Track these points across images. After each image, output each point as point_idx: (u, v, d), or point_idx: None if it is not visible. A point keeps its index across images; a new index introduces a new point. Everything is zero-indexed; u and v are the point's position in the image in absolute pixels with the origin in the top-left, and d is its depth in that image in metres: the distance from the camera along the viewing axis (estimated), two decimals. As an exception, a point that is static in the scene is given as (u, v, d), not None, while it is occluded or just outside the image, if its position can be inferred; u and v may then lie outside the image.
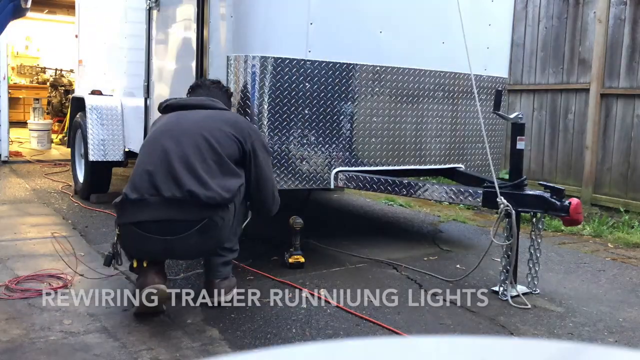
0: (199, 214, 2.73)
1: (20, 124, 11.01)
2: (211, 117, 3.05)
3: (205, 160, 2.82)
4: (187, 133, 2.90)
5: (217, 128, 2.95)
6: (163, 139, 2.90)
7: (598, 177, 6.03)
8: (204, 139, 2.88)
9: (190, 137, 2.88)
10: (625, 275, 3.84)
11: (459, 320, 2.93)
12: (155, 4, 4.59)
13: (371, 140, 3.98)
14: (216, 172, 2.82)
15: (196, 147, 2.85)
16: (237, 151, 2.96)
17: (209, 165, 2.82)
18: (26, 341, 2.46)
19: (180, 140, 2.87)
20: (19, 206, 5.24)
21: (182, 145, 2.85)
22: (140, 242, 2.73)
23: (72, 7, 8.72)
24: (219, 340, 2.58)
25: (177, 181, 2.74)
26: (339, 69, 3.78)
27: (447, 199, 3.67)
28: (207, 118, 3.03)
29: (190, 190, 2.71)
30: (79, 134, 5.82)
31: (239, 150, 2.97)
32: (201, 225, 2.72)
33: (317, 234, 4.32)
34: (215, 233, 2.79)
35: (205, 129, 2.93)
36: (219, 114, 3.10)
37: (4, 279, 3.21)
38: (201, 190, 2.72)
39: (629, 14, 5.75)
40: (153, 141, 2.94)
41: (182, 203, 2.72)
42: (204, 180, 2.76)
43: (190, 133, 2.90)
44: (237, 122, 3.08)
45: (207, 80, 3.45)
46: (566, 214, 3.12)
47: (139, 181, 2.77)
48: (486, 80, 4.51)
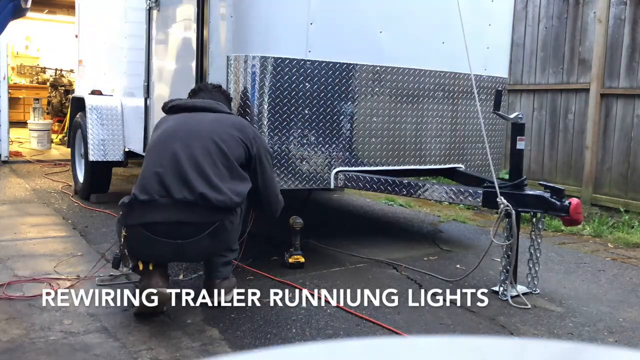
0: (210, 217, 2.74)
1: (20, 124, 11.00)
2: (219, 120, 3.06)
3: (215, 164, 2.83)
4: (197, 136, 2.90)
5: (225, 132, 2.96)
6: (172, 141, 2.89)
7: (598, 177, 6.03)
8: (213, 143, 2.88)
9: (200, 141, 2.88)
10: (625, 275, 3.84)
11: (459, 320, 2.93)
12: (155, 4, 4.59)
13: (371, 140, 3.98)
14: (226, 176, 2.83)
15: (206, 150, 2.85)
16: (244, 155, 2.99)
17: (219, 169, 2.83)
18: (26, 341, 2.46)
19: (189, 144, 2.86)
20: (19, 206, 5.24)
21: (192, 148, 2.84)
22: (150, 245, 2.72)
23: (72, 7, 8.72)
24: (219, 340, 2.58)
25: (188, 184, 2.73)
26: (339, 69, 3.78)
27: (447, 199, 3.68)
28: (215, 121, 3.03)
29: (202, 194, 2.71)
30: (79, 134, 5.82)
31: (245, 154, 3.00)
32: (212, 228, 2.74)
33: (317, 234, 4.32)
34: (224, 236, 2.82)
35: (215, 133, 2.93)
36: (226, 118, 3.12)
37: (4, 279, 3.21)
38: (213, 194, 2.73)
39: (629, 14, 5.75)
40: (162, 143, 2.92)
41: (193, 206, 2.71)
42: (216, 184, 2.76)
43: (200, 136, 2.90)
44: (244, 126, 3.12)
45: (209, 84, 3.45)
46: (566, 214, 3.11)
47: (148, 182, 2.76)
48: (486, 80, 4.51)
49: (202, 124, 3.00)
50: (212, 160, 2.83)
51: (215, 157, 2.84)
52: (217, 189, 2.75)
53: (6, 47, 8.49)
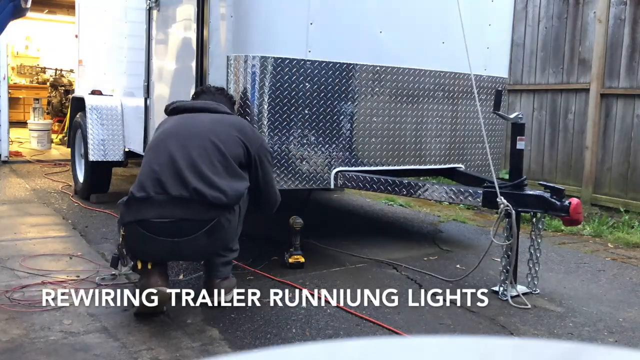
0: (207, 214, 2.74)
1: (20, 124, 10.99)
2: (218, 120, 3.08)
3: (211, 162, 2.84)
4: (194, 135, 2.93)
5: (223, 131, 2.98)
6: (170, 141, 2.92)
7: (598, 177, 6.03)
8: (210, 142, 2.90)
9: (197, 140, 2.90)
10: (625, 275, 3.84)
11: (459, 320, 2.93)
12: (155, 4, 4.59)
13: (371, 140, 3.98)
14: (222, 173, 2.84)
15: (202, 149, 2.86)
16: (243, 154, 2.99)
17: (216, 166, 2.84)
18: (26, 341, 2.46)
19: (186, 143, 2.88)
20: (19, 206, 5.24)
21: (189, 147, 2.86)
22: (146, 243, 2.72)
23: (72, 7, 8.72)
24: (219, 340, 2.58)
25: (183, 180, 2.75)
26: (339, 69, 3.78)
27: (447, 199, 3.68)
28: (213, 122, 3.06)
29: (195, 189, 2.73)
30: (79, 134, 5.82)
31: (244, 154, 3.00)
32: (209, 226, 2.74)
33: (317, 234, 4.32)
34: (222, 234, 2.82)
35: (212, 132, 2.95)
36: (226, 118, 3.14)
37: (4, 279, 3.21)
38: (207, 190, 2.74)
39: (629, 14, 5.75)
40: (159, 143, 2.96)
41: (189, 202, 2.72)
42: (211, 180, 2.77)
43: (197, 136, 2.92)
44: (243, 126, 3.13)
45: (212, 87, 3.47)
46: (566, 214, 3.11)
47: (144, 180, 2.78)
48: (486, 80, 4.51)
49: (201, 124, 3.02)
50: (208, 158, 2.84)
51: (212, 156, 2.85)
52: (213, 185, 2.76)
53: (6, 47, 8.49)
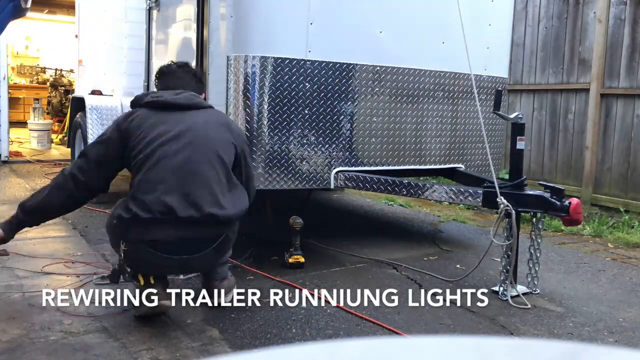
0: (215, 232, 2.74)
1: (20, 124, 10.99)
2: (208, 122, 2.87)
3: (219, 180, 2.75)
4: (197, 146, 2.75)
5: (219, 137, 2.84)
6: (170, 152, 2.71)
7: (598, 177, 6.03)
8: (215, 154, 2.77)
9: (200, 153, 2.74)
10: (625, 275, 3.84)
11: (459, 320, 2.93)
12: (155, 4, 4.59)
13: (371, 140, 3.98)
14: (225, 189, 2.77)
15: (209, 164, 2.74)
16: (234, 154, 2.89)
17: (222, 183, 2.76)
18: (26, 341, 2.46)
19: (191, 157, 2.72)
20: (19, 206, 5.23)
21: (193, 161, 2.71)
22: (153, 261, 2.67)
23: (72, 7, 8.72)
24: (219, 340, 2.58)
25: (194, 203, 2.64)
26: (339, 69, 3.78)
27: (447, 199, 3.68)
28: (206, 124, 2.85)
29: (210, 214, 2.66)
30: (79, 134, 5.82)
31: (235, 153, 2.90)
32: (218, 242, 2.75)
33: (317, 234, 4.31)
34: (228, 246, 2.86)
35: (211, 140, 2.79)
36: (212, 116, 2.94)
37: (4, 279, 3.21)
38: (218, 211, 2.69)
39: (629, 14, 5.75)
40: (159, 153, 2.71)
41: (199, 223, 2.66)
42: (221, 202, 2.71)
43: (199, 146, 2.75)
44: (228, 123, 3.02)
45: (173, 65, 3.11)
46: (566, 214, 3.11)
47: (149, 200, 2.62)
48: (486, 80, 4.51)
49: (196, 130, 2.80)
50: (217, 177, 2.74)
51: (219, 171, 2.76)
52: (222, 205, 2.71)
53: (6, 47, 8.48)
